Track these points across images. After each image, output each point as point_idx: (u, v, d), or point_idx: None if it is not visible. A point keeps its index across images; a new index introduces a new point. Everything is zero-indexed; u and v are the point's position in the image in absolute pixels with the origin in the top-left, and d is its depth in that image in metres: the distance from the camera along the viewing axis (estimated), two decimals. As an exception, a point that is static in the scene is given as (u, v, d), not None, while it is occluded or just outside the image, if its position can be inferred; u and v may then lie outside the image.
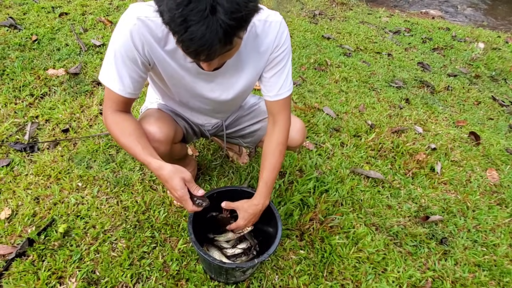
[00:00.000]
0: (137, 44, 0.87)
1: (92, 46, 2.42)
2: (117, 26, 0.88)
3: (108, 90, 0.93)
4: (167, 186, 0.93)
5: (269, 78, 1.04)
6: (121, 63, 0.89)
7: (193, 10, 0.62)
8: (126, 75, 0.91)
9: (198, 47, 0.66)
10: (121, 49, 0.87)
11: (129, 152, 0.96)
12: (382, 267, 1.35)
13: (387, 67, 2.91)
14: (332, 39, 3.26)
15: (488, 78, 2.99)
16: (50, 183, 1.46)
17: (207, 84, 1.04)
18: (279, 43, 0.98)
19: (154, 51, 0.90)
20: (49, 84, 2.00)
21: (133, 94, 0.95)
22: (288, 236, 1.40)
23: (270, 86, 1.05)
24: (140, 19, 0.85)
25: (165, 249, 1.28)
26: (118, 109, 0.96)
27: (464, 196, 1.72)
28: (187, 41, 0.66)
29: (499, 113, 2.52)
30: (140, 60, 0.90)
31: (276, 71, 1.03)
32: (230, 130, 1.35)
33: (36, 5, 2.81)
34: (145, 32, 0.86)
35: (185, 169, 0.95)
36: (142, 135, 0.97)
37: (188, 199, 0.93)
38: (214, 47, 0.67)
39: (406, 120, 2.25)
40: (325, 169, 1.75)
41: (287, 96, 1.07)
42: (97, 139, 1.70)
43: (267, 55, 1.00)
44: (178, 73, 0.98)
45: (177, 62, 0.95)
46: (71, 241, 1.25)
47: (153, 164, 0.92)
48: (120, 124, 0.95)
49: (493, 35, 3.94)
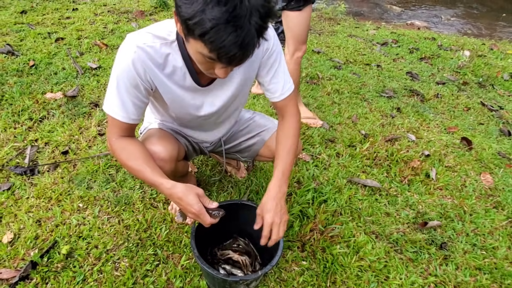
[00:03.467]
0: (139, 71, 0.91)
1: (89, 69, 2.47)
2: (117, 56, 0.92)
3: (111, 118, 0.96)
4: (182, 203, 0.94)
5: (269, 81, 1.10)
6: (124, 91, 0.93)
7: (237, 16, 0.67)
8: (129, 102, 0.94)
9: (238, 51, 0.71)
10: (124, 78, 0.91)
11: (138, 176, 0.98)
12: (384, 274, 1.36)
13: (377, 78, 2.98)
14: (322, 53, 3.35)
15: (476, 85, 3.07)
16: (51, 205, 1.46)
17: (206, 98, 1.08)
18: (268, 47, 1.03)
19: (155, 76, 0.94)
20: (47, 108, 2.03)
21: (136, 120, 0.99)
22: (290, 248, 1.41)
23: (273, 87, 1.11)
24: (140, 47, 0.89)
25: (168, 266, 1.29)
26: (123, 135, 0.99)
27: (460, 201, 1.75)
28: (230, 46, 0.70)
29: (489, 118, 2.59)
30: (143, 86, 0.94)
31: (273, 73, 1.08)
32: (228, 145, 1.38)
33: (33, 32, 2.87)
34: (146, 59, 0.90)
35: (196, 186, 0.97)
36: (149, 157, 0.99)
37: (205, 212, 0.95)
38: (250, 50, 0.74)
39: (399, 128, 2.30)
40: (323, 180, 1.77)
41: (291, 92, 1.13)
42: (96, 159, 1.72)
43: (259, 59, 1.05)
44: (178, 93, 1.02)
45: (176, 83, 0.99)
46: (74, 262, 1.26)
47: (165, 184, 0.94)
48: (126, 149, 0.98)
49: (477, 43, 4.07)
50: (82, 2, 3.79)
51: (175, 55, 0.94)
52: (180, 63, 0.95)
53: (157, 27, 0.94)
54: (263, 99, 2.42)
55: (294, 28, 1.87)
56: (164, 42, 0.92)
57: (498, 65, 3.45)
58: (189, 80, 1.00)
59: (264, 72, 1.08)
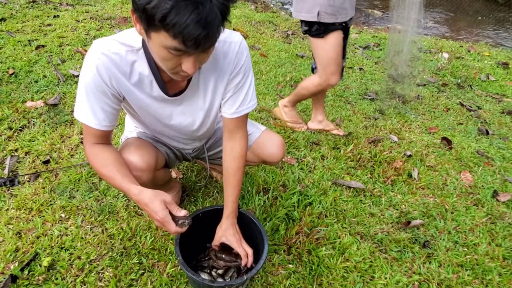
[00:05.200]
0: (105, 78, 0.89)
1: (71, 76, 2.43)
2: (83, 63, 0.90)
3: (84, 125, 0.95)
4: (147, 210, 0.92)
5: (228, 97, 1.07)
6: (92, 98, 0.91)
7: None
8: (99, 109, 0.93)
9: (202, 30, 0.69)
10: (91, 84, 0.90)
11: (110, 183, 0.97)
12: (370, 274, 1.38)
13: (360, 81, 3.04)
14: (305, 57, 3.39)
15: (454, 86, 3.17)
16: (32, 216, 1.43)
17: (175, 109, 1.06)
18: (237, 63, 1.01)
19: (121, 84, 0.93)
20: (27, 117, 1.99)
21: (109, 126, 0.97)
22: (276, 252, 1.42)
23: (229, 104, 1.08)
24: (104, 54, 0.88)
25: (153, 274, 1.27)
26: (97, 142, 0.98)
27: (442, 199, 1.79)
28: (193, 26, 0.67)
29: (467, 117, 2.67)
30: (110, 92, 0.92)
31: (235, 90, 1.06)
32: (211, 152, 1.38)
33: (12, 39, 2.81)
34: (111, 66, 0.89)
35: (165, 193, 0.95)
36: (121, 164, 0.98)
37: (170, 220, 0.91)
38: (214, 30, 0.71)
39: (381, 130, 2.34)
40: (308, 183, 1.79)
41: (245, 114, 1.10)
42: (79, 168, 1.69)
43: (227, 75, 1.03)
44: (146, 103, 1.00)
45: (144, 92, 0.98)
46: (56, 274, 1.23)
47: (132, 189, 0.92)
48: (99, 156, 0.97)
49: (455, 45, 4.19)
50: (64, 9, 3.74)
51: (141, 62, 0.92)
52: (147, 71, 0.94)
53: (124, 34, 0.92)
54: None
55: (320, 55, 1.76)
56: (130, 49, 0.90)
57: (475, 66, 3.57)
58: (156, 89, 0.98)
59: (229, 88, 1.06)
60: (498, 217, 1.72)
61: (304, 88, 2.00)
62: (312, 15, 1.62)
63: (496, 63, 3.70)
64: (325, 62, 1.77)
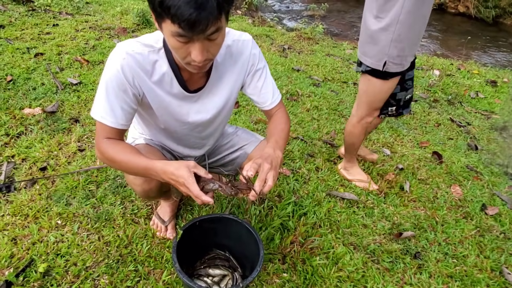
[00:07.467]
0: (128, 77, 0.95)
1: (69, 85, 2.46)
2: (107, 63, 0.95)
3: (100, 124, 0.98)
4: (173, 178, 0.91)
5: (260, 89, 1.17)
6: (113, 96, 0.96)
7: None
8: (118, 107, 0.97)
9: (194, 11, 0.72)
10: (113, 82, 0.94)
11: (128, 167, 0.98)
12: (362, 284, 1.40)
13: (354, 95, 3.11)
14: (301, 71, 3.47)
15: (445, 102, 3.26)
16: (28, 223, 1.43)
17: (192, 106, 1.11)
18: (254, 59, 1.12)
19: (143, 82, 0.98)
20: (25, 123, 2.00)
21: (125, 125, 1.01)
22: (271, 260, 1.44)
23: (263, 96, 1.18)
24: (129, 53, 0.94)
25: (149, 282, 1.28)
26: (111, 138, 1.01)
27: (432, 212, 1.84)
28: (183, 6, 0.72)
29: (457, 133, 2.74)
30: (131, 91, 0.97)
31: (262, 82, 1.16)
32: (211, 159, 1.41)
33: (11, 46, 2.83)
34: (134, 65, 0.95)
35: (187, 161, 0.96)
36: (137, 151, 1.00)
37: (192, 182, 0.91)
38: (207, 11, 0.74)
39: (375, 143, 2.40)
40: (303, 193, 1.82)
41: (280, 100, 1.21)
42: (76, 175, 1.70)
43: (244, 70, 1.12)
44: (165, 100, 1.05)
45: (164, 90, 1.03)
46: (51, 280, 1.23)
47: (157, 163, 0.93)
48: (112, 146, 0.98)
49: (446, 63, 4.32)
50: (63, 18, 3.78)
51: (162, 61, 0.99)
52: (167, 69, 1.00)
53: (146, 37, 1.00)
54: (244, 114, 2.47)
55: (373, 95, 1.71)
56: (152, 49, 0.97)
57: (465, 84, 3.68)
58: (176, 87, 1.04)
59: (253, 82, 1.16)
60: (487, 230, 1.76)
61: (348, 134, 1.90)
62: (378, 63, 1.56)
63: (485, 81, 3.83)
64: (376, 101, 1.73)
